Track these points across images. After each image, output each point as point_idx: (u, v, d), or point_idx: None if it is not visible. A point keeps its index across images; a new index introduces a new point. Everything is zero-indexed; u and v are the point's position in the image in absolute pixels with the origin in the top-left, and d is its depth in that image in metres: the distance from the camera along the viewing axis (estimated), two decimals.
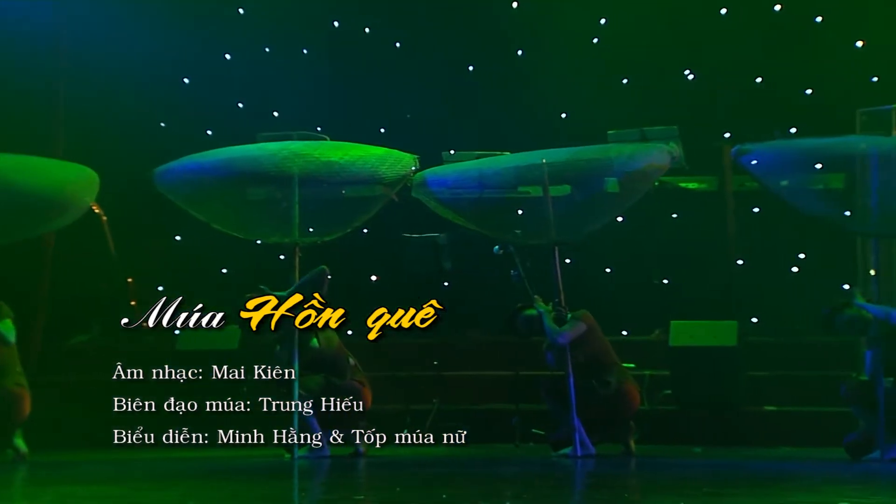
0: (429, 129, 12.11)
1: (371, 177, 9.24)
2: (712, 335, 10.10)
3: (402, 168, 9.29)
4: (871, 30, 11.74)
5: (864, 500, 6.46)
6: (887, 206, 8.90)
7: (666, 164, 9.42)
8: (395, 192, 9.49)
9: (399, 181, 9.35)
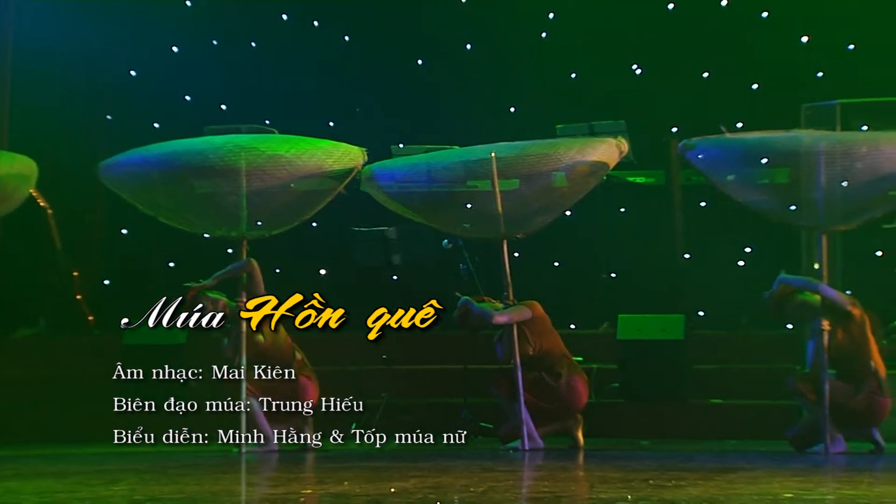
0: (378, 122, 12.10)
1: (318, 170, 9.22)
2: (659, 329, 10.16)
3: (349, 161, 9.28)
4: (816, 25, 11.85)
5: (807, 492, 6.52)
6: (831, 201, 8.97)
7: (614, 158, 9.45)
8: (343, 186, 9.47)
9: (347, 174, 9.33)
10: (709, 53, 12.10)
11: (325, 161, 9.17)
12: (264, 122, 11.10)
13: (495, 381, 9.30)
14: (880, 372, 8.97)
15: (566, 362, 9.36)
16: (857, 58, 11.73)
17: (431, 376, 10.73)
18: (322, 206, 9.39)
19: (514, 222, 9.33)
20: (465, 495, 6.53)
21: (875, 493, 6.44)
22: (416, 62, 12.67)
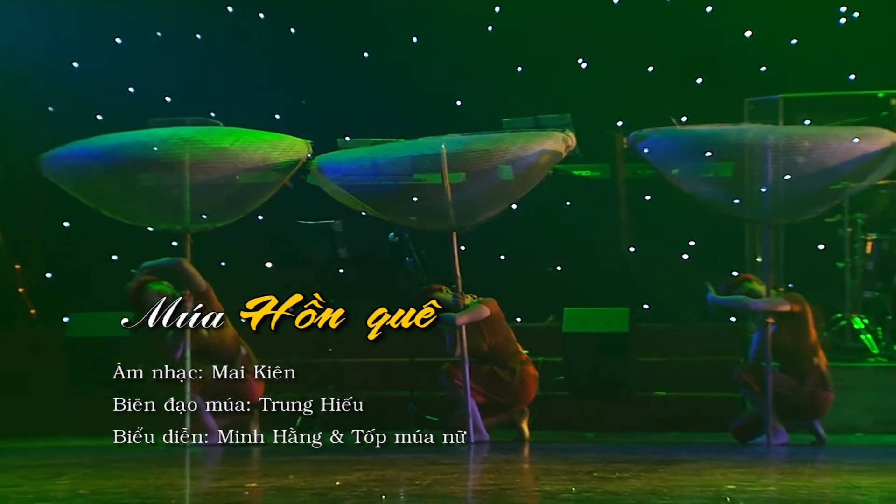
0: (324, 114, 12.07)
1: (263, 163, 9.17)
2: (604, 321, 10.20)
3: (294, 154, 9.23)
4: (759, 20, 11.93)
5: (750, 483, 6.58)
6: (776, 194, 9.05)
7: (562, 152, 9.46)
8: (289, 178, 9.43)
9: (292, 167, 9.29)
10: (654, 47, 12.16)
11: (270, 154, 9.13)
12: (209, 114, 11.02)
13: (451, 373, 9.29)
14: (822, 365, 9.05)
15: (519, 357, 9.40)
16: (800, 53, 11.82)
17: (377, 369, 10.72)
18: (267, 198, 9.34)
19: (463, 215, 9.33)
20: (411, 488, 6.53)
21: (815, 485, 6.51)
22: (362, 55, 12.64)
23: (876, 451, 8.62)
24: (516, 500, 6.08)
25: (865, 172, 9.08)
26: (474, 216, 9.38)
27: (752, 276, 9.22)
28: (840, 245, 10.64)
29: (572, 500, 5.90)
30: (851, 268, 10.55)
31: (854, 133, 9.16)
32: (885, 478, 6.74)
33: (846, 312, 10.41)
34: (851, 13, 11.87)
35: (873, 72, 11.40)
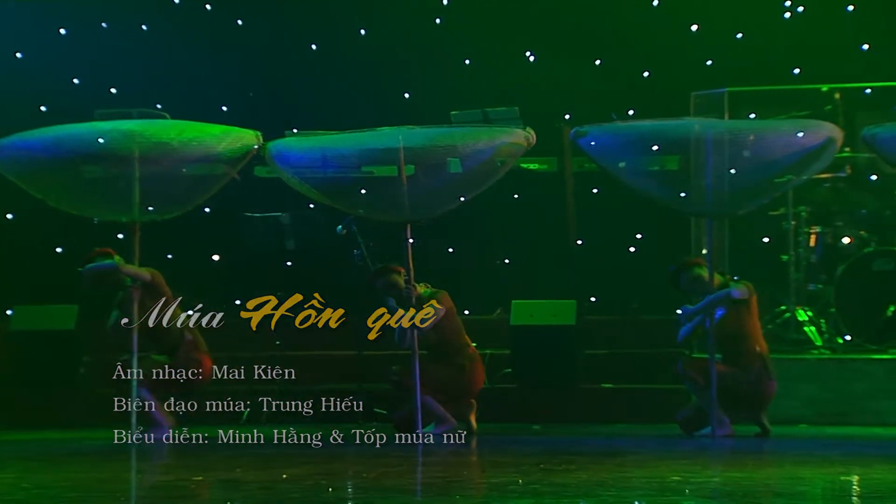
0: (271, 107, 12.02)
1: (208, 155, 9.11)
2: (552, 314, 10.25)
3: (243, 145, 9.18)
4: (705, 14, 12.01)
5: (694, 475, 6.63)
6: (720, 188, 9.10)
7: (523, 148, 9.45)
8: (237, 171, 9.38)
9: (241, 159, 9.24)
10: (601, 41, 12.20)
11: (215, 147, 9.06)
12: (156, 106, 10.96)
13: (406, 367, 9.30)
14: (764, 352, 9.13)
15: (467, 350, 9.42)
16: (746, 47, 11.91)
17: (325, 362, 10.71)
18: (215, 191, 9.29)
19: (419, 207, 9.30)
20: (358, 481, 6.54)
21: (759, 476, 6.56)
22: (310, 47, 12.60)
23: (819, 442, 8.71)
24: (463, 492, 6.09)
25: (807, 165, 9.15)
26: (432, 209, 9.36)
27: (701, 261, 9.26)
28: (784, 238, 10.73)
29: (519, 492, 5.92)
30: (795, 260, 10.65)
31: (798, 127, 9.23)
32: (827, 469, 6.82)
33: (790, 305, 10.51)
34: (796, 7, 11.97)
35: (817, 66, 11.50)
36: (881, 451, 7.88)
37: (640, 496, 5.74)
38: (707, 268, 9.10)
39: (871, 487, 6.05)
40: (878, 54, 11.63)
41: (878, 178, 10.87)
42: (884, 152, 9.10)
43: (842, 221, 10.79)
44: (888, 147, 9.00)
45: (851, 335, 10.23)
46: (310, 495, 5.86)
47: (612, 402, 10.23)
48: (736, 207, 9.36)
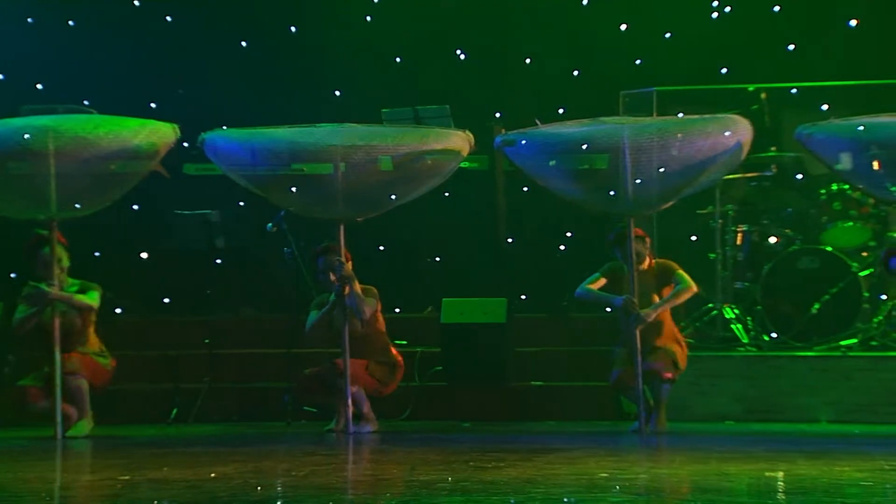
0: (201, 104, 11.93)
1: (124, 149, 9.00)
2: (482, 312, 10.27)
3: (160, 139, 9.08)
4: (634, 14, 12.09)
5: (622, 471, 6.67)
6: (644, 187, 9.15)
7: (465, 150, 9.44)
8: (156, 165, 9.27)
9: (159, 153, 9.14)
10: (531, 39, 12.24)
11: (131, 140, 8.97)
12: (83, 102, 10.85)
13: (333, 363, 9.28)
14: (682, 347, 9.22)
15: (389, 351, 9.45)
16: (674, 46, 12.01)
17: (254, 360, 10.67)
18: (133, 185, 9.19)
19: (356, 205, 9.26)
20: (287, 479, 6.52)
21: (686, 472, 6.62)
22: (240, 43, 12.53)
23: (745, 438, 8.80)
24: (392, 490, 6.09)
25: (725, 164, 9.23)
26: (368, 208, 9.33)
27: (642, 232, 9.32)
28: (712, 236, 10.83)
29: (448, 489, 5.93)
30: (722, 259, 10.75)
31: (726, 125, 9.30)
32: (753, 465, 6.89)
33: (717, 303, 10.61)
34: (724, 8, 12.08)
35: (745, 66, 11.63)
36: (806, 447, 7.98)
37: (568, 493, 5.77)
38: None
39: (795, 483, 6.13)
40: (804, 54, 11.78)
41: (803, 178, 11.00)
42: (817, 153, 9.20)
43: (768, 220, 10.91)
44: (822, 148, 9.09)
45: (777, 333, 10.35)
46: (238, 494, 5.84)
47: (541, 399, 10.27)
48: (652, 206, 9.40)
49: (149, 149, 9.01)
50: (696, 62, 11.73)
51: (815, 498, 5.55)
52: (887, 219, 10.54)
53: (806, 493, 5.71)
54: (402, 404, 10.04)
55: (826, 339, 10.19)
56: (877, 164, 8.90)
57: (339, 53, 12.16)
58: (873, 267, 10.44)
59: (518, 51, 12.27)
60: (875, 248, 10.54)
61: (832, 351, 10.11)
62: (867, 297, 10.23)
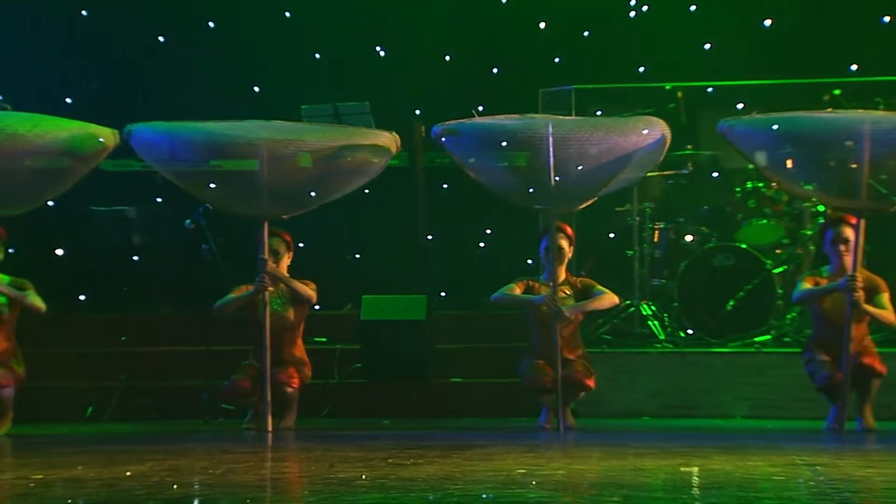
0: (117, 100, 11.83)
1: (62, 150, 8.89)
2: (402, 309, 10.28)
3: (98, 143, 8.98)
4: (553, 12, 12.16)
5: (540, 468, 6.71)
6: (565, 184, 9.21)
7: (392, 151, 9.43)
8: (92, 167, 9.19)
9: (95, 156, 9.05)
10: (451, 37, 12.27)
11: (70, 142, 8.87)
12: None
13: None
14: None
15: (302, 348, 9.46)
16: (592, 44, 12.10)
17: (171, 358, 10.59)
18: (68, 187, 9.08)
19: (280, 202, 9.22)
20: (204, 477, 6.47)
21: (602, 467, 6.67)
22: (157, 39, 12.43)
23: (661, 434, 8.88)
24: (310, 487, 6.07)
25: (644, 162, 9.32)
26: (295, 205, 9.30)
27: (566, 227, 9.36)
28: (629, 234, 10.92)
29: (366, 486, 5.93)
30: (640, 256, 10.85)
31: (644, 124, 9.39)
32: (668, 460, 6.95)
33: (635, 300, 10.70)
34: (641, 6, 12.20)
35: (662, 65, 11.75)
36: (720, 443, 8.07)
37: (486, 489, 5.78)
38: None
39: (709, 478, 6.20)
40: (720, 54, 11.92)
41: (719, 176, 11.13)
42: (740, 146, 9.30)
43: (684, 218, 11.04)
44: (744, 141, 9.19)
45: (693, 329, 10.47)
46: (154, 492, 5.79)
47: (461, 396, 10.30)
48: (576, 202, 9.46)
49: (86, 151, 8.89)
50: (614, 60, 11.83)
51: (729, 492, 5.61)
52: (801, 216, 10.69)
53: (720, 488, 5.78)
54: (321, 402, 10.03)
55: (741, 336, 10.33)
56: (790, 162, 9.03)
57: (258, 49, 12.10)
58: (787, 264, 10.59)
59: (437, 48, 12.29)
60: (788, 245, 10.69)
61: (746, 347, 10.24)
62: (781, 293, 10.37)
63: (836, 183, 8.89)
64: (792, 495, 5.59)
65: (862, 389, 8.81)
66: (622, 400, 10.03)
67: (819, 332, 9.03)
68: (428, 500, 5.45)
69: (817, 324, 9.07)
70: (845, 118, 8.91)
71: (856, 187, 8.64)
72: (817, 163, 8.90)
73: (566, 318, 8.98)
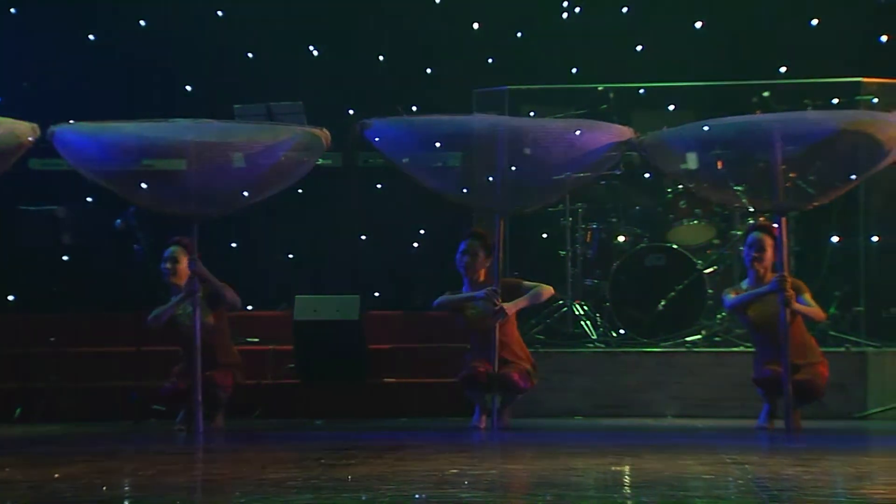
0: (48, 98, 11.70)
1: None
2: (335, 309, 10.25)
3: (16, 138, 8.87)
4: (486, 13, 12.19)
5: (472, 467, 6.72)
6: (505, 184, 9.23)
7: (322, 149, 9.40)
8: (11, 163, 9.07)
9: (13, 151, 8.94)
10: (384, 37, 12.26)
11: None
12: None
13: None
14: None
15: (234, 352, 9.41)
16: (526, 45, 12.14)
17: (101, 358, 10.49)
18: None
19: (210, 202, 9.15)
20: (134, 479, 6.43)
21: (535, 467, 6.70)
22: (87, 38, 12.30)
23: (593, 434, 8.93)
24: (242, 489, 6.04)
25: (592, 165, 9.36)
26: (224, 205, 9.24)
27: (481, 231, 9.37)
28: (562, 234, 10.97)
29: (298, 487, 5.91)
30: (572, 256, 10.90)
31: (578, 125, 9.43)
32: (600, 459, 7.00)
33: (567, 300, 10.75)
34: (574, 8, 12.25)
35: (594, 66, 11.81)
36: (651, 441, 8.14)
37: (419, 489, 5.79)
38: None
39: (640, 476, 6.25)
40: (652, 55, 12.00)
41: (650, 177, 11.21)
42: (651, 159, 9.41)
43: (616, 218, 11.11)
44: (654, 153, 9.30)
45: (625, 329, 10.53)
46: (83, 494, 5.74)
47: (394, 396, 10.30)
48: (521, 203, 9.49)
49: (4, 146, 8.77)
50: (547, 61, 11.87)
51: (660, 491, 5.66)
52: (731, 217, 10.79)
53: (651, 487, 5.82)
54: (254, 402, 9.98)
55: (672, 336, 10.40)
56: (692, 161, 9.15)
57: (190, 48, 12.01)
58: (717, 265, 10.68)
59: (371, 48, 12.27)
60: (719, 246, 10.79)
61: (677, 347, 10.32)
62: (711, 293, 10.46)
63: (753, 184, 9.02)
64: (721, 493, 5.65)
65: (799, 400, 8.88)
66: (555, 400, 10.06)
67: (759, 347, 9.10)
68: (360, 500, 5.45)
69: (756, 342, 9.16)
70: (756, 120, 9.09)
71: (773, 187, 8.77)
72: (733, 165, 9.03)
73: (506, 315, 8.99)
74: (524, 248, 10.72)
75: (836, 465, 6.89)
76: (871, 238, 10.58)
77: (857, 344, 10.08)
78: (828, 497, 5.50)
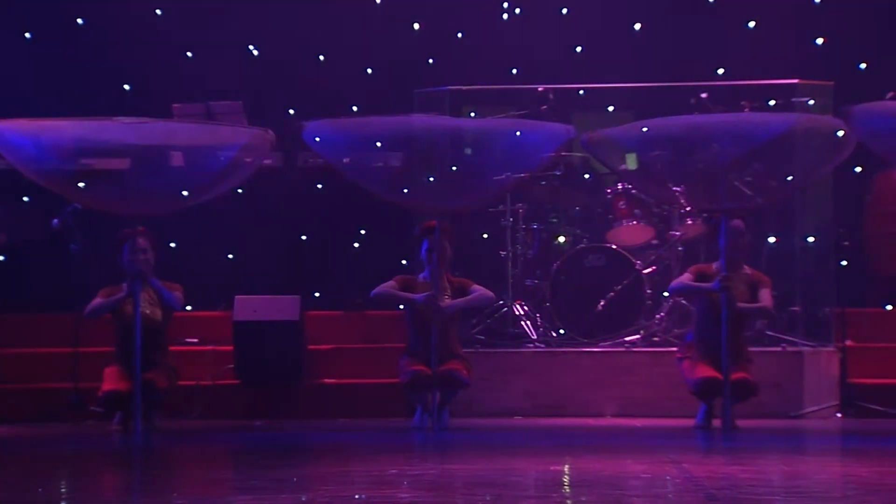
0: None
1: None
2: (275, 309, 10.22)
3: None
4: (426, 13, 12.20)
5: (412, 467, 6.73)
6: (447, 184, 9.24)
7: (266, 148, 9.36)
8: None
9: None
10: (324, 37, 12.24)
11: None
12: None
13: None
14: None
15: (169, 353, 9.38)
16: (466, 46, 12.16)
17: (38, 359, 10.40)
18: None
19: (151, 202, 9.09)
20: (71, 481, 6.38)
21: (475, 468, 6.72)
22: (24, 37, 12.18)
23: (533, 433, 8.96)
24: (181, 489, 6.01)
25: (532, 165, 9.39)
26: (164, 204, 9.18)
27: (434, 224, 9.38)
28: (502, 234, 11.00)
29: (238, 487, 5.90)
30: (513, 256, 10.93)
31: (518, 126, 9.45)
32: (539, 459, 7.04)
33: (508, 300, 10.78)
34: (514, 9, 12.29)
35: (534, 66, 11.85)
36: (591, 441, 8.18)
37: (359, 489, 5.79)
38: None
39: (580, 477, 6.28)
40: (592, 56, 12.07)
41: (590, 177, 11.26)
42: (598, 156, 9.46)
43: (557, 219, 11.15)
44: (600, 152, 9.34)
45: (565, 329, 10.57)
46: (17, 497, 5.68)
47: (334, 397, 10.28)
48: (458, 203, 9.51)
49: None
50: (487, 62, 11.90)
51: (599, 490, 5.69)
52: (669, 218, 10.86)
53: (590, 486, 5.85)
54: (192, 403, 9.93)
55: (611, 336, 10.46)
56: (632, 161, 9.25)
57: (129, 47, 11.92)
58: (656, 265, 10.75)
59: (311, 48, 12.24)
60: (657, 246, 10.87)
61: (617, 347, 10.37)
62: (650, 293, 10.53)
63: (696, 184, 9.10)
64: (659, 492, 5.69)
65: (736, 397, 8.94)
66: (495, 400, 10.09)
67: (700, 330, 9.15)
68: (299, 500, 5.44)
69: (699, 322, 9.21)
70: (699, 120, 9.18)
71: (715, 187, 8.85)
72: (675, 165, 9.11)
73: (445, 314, 9.02)
74: (464, 247, 10.72)
75: (772, 463, 6.96)
76: (807, 238, 10.69)
77: (794, 343, 10.17)
78: (763, 495, 5.56)
